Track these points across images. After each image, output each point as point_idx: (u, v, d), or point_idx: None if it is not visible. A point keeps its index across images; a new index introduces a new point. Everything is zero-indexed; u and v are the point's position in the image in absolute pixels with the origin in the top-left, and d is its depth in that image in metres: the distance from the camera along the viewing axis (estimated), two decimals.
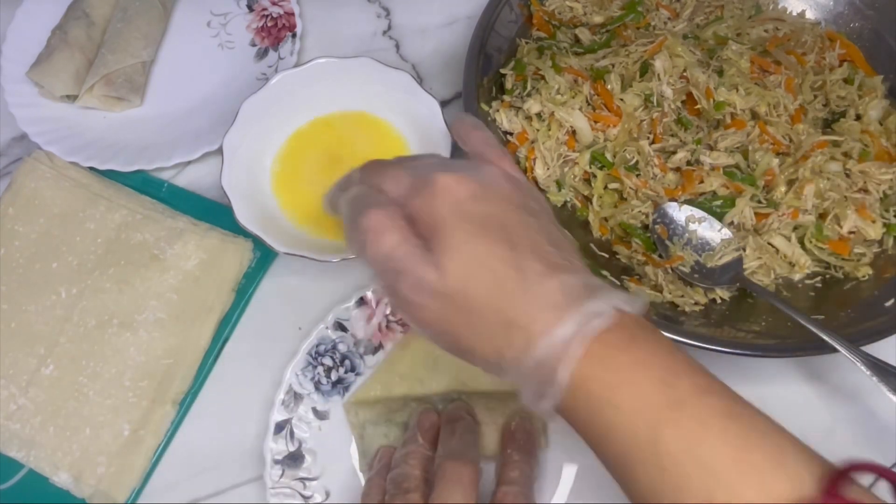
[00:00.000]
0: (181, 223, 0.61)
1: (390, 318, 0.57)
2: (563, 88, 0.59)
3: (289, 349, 0.56)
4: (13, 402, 0.56)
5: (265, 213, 0.59)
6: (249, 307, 0.60)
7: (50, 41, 0.67)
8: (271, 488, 0.52)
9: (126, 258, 0.60)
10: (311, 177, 0.62)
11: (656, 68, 0.59)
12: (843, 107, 0.61)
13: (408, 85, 0.61)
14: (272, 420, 0.53)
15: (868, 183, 0.57)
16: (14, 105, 0.66)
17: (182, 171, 0.66)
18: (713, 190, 0.57)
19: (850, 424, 0.55)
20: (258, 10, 0.72)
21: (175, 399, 0.56)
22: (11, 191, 0.62)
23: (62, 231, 0.61)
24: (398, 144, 0.63)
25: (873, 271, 0.55)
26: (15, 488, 0.54)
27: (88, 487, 0.53)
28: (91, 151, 0.64)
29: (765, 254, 0.55)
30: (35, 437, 0.55)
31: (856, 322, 0.52)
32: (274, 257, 0.61)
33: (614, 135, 0.59)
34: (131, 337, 0.57)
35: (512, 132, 0.61)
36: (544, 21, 0.65)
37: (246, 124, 0.60)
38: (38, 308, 0.58)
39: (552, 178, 0.60)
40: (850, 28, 0.66)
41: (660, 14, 0.65)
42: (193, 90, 0.69)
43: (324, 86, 0.62)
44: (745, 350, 0.50)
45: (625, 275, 0.56)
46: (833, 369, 0.56)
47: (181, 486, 0.54)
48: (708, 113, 0.58)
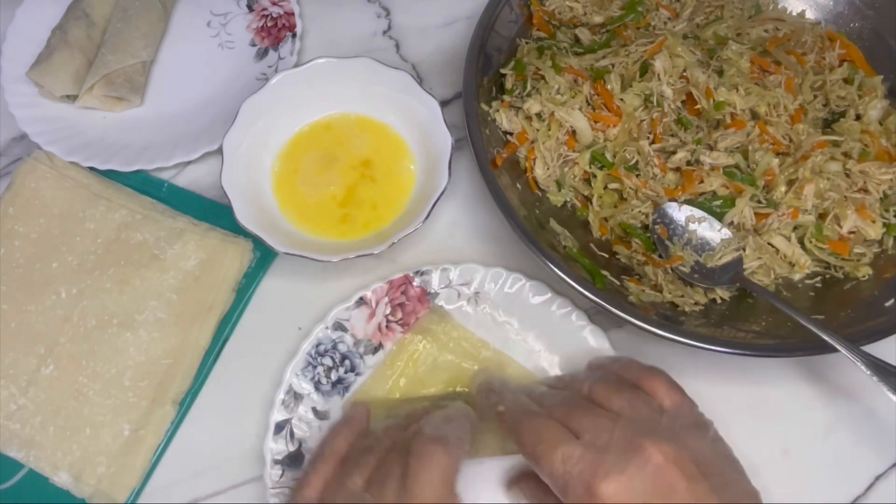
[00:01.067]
0: (181, 223, 0.61)
1: (390, 318, 0.57)
2: (563, 88, 0.59)
3: (289, 349, 0.56)
4: (13, 402, 0.56)
5: (265, 213, 0.59)
6: (249, 307, 0.60)
7: (50, 41, 0.67)
8: (271, 488, 0.52)
9: (126, 258, 0.60)
10: (311, 177, 0.62)
11: (656, 68, 0.59)
12: (843, 107, 0.61)
13: (408, 85, 0.61)
14: (272, 420, 0.53)
15: (868, 183, 0.57)
16: (14, 105, 0.66)
17: (182, 171, 0.66)
18: (713, 190, 0.57)
19: (850, 424, 0.55)
20: (258, 10, 0.72)
21: (175, 399, 0.56)
22: (11, 191, 0.62)
23: (62, 231, 0.61)
24: (398, 145, 0.63)
25: (873, 271, 0.55)
26: (15, 488, 0.54)
27: (88, 487, 0.53)
28: (91, 151, 0.64)
29: (765, 254, 0.55)
30: (35, 437, 0.55)
31: (856, 322, 0.52)
32: (274, 257, 0.61)
33: (614, 135, 0.59)
34: (131, 337, 0.57)
35: (512, 132, 0.61)
36: (544, 21, 0.65)
37: (246, 124, 0.60)
38: (38, 308, 0.58)
39: (552, 178, 0.60)
40: (850, 28, 0.66)
41: (660, 14, 0.65)
42: (193, 90, 0.69)
43: (324, 86, 0.62)
44: (745, 350, 0.50)
45: (625, 275, 0.56)
46: (833, 369, 0.56)
47: (181, 486, 0.54)
48: (708, 113, 0.58)
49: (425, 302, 0.57)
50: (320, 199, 0.61)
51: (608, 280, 0.54)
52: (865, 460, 0.54)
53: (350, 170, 0.62)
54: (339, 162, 0.62)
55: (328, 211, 0.61)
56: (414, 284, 0.58)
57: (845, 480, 0.53)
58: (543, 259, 0.51)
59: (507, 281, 0.57)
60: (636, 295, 0.54)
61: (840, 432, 0.54)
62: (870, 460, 0.54)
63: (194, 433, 0.56)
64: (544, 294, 0.57)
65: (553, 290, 0.57)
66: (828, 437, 0.54)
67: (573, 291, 0.51)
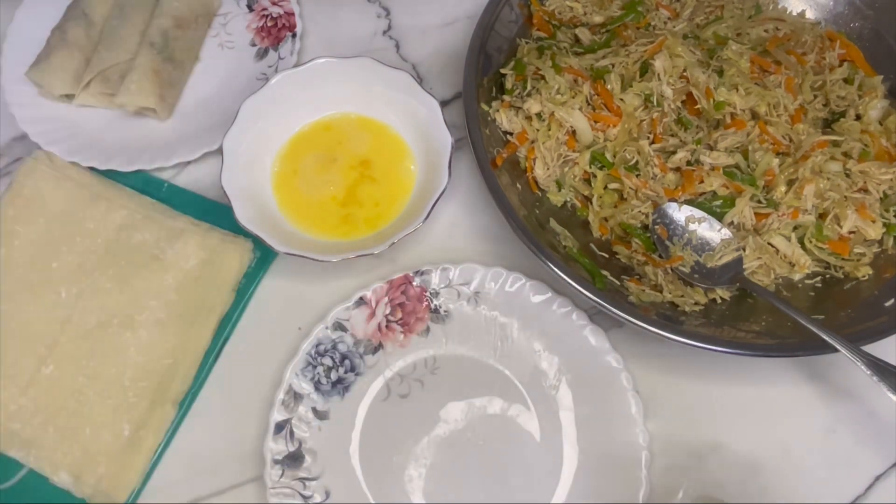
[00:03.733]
0: (181, 223, 0.61)
1: (390, 318, 0.57)
2: (563, 88, 0.59)
3: (289, 349, 0.56)
4: (13, 402, 0.56)
5: (265, 213, 0.59)
6: (249, 307, 0.60)
7: (49, 41, 0.67)
8: (271, 488, 0.52)
9: (126, 258, 0.60)
10: (311, 177, 0.62)
11: (656, 68, 0.59)
12: (843, 107, 0.61)
13: (408, 85, 0.61)
14: (272, 420, 0.53)
15: (868, 183, 0.57)
16: (14, 105, 0.66)
17: (182, 171, 0.66)
18: (713, 190, 0.57)
19: (850, 424, 0.55)
20: (258, 9, 0.72)
21: (175, 399, 0.56)
22: (12, 191, 0.62)
23: (62, 231, 0.61)
24: (398, 145, 0.63)
25: (873, 271, 0.55)
26: (15, 488, 0.54)
27: (88, 487, 0.53)
28: (91, 151, 0.64)
29: (765, 254, 0.55)
30: (35, 437, 0.55)
31: (856, 322, 0.52)
32: (274, 257, 0.61)
33: (614, 135, 0.59)
34: (131, 337, 0.57)
35: (512, 132, 0.61)
36: (544, 21, 0.65)
37: (246, 124, 0.60)
38: (38, 308, 0.58)
39: (552, 178, 0.60)
40: (850, 28, 0.66)
41: (660, 14, 0.65)
42: (193, 90, 0.69)
43: (324, 86, 0.62)
44: (745, 350, 0.50)
45: (625, 275, 0.56)
46: (833, 369, 0.56)
47: (181, 486, 0.54)
48: (708, 113, 0.58)
49: (425, 301, 0.57)
50: (320, 199, 0.61)
51: (608, 280, 0.54)
52: (865, 460, 0.54)
53: (350, 170, 0.62)
54: (338, 162, 0.62)
55: (329, 211, 0.61)
56: (414, 284, 0.58)
57: (845, 480, 0.53)
58: (543, 259, 0.51)
59: (507, 280, 0.57)
60: (636, 295, 0.54)
61: (840, 432, 0.54)
62: (870, 460, 0.54)
63: (194, 433, 0.56)
64: (544, 294, 0.57)
65: (553, 289, 0.57)
66: (828, 437, 0.54)
67: (573, 291, 0.51)
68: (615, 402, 0.53)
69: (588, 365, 0.55)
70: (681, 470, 0.53)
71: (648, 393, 0.54)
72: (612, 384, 0.54)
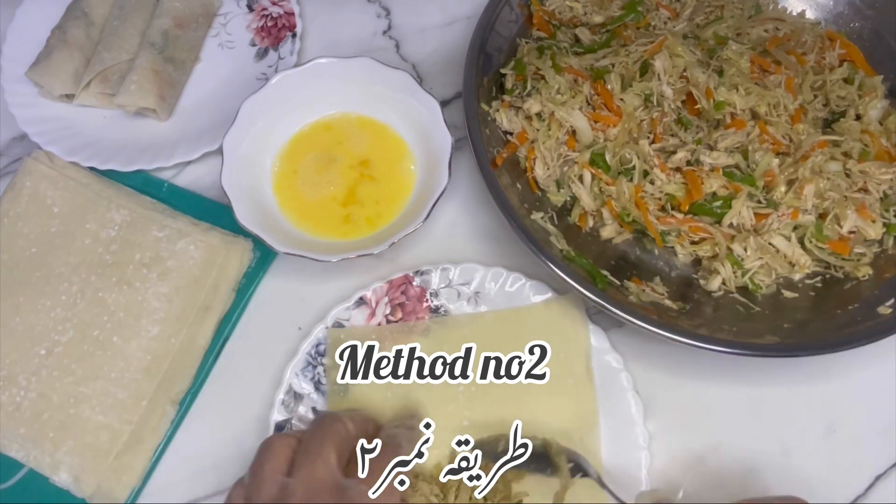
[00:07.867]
0: (181, 223, 0.61)
1: (390, 318, 0.57)
2: (563, 88, 0.59)
3: (289, 349, 0.56)
4: (13, 402, 0.56)
5: (265, 213, 0.59)
6: (249, 307, 0.60)
7: (49, 41, 0.67)
8: None
9: (126, 258, 0.60)
10: (311, 177, 0.62)
11: (656, 68, 0.59)
12: (843, 107, 0.61)
13: (408, 85, 0.61)
14: (272, 420, 0.53)
15: (868, 183, 0.57)
16: (14, 105, 0.66)
17: (182, 171, 0.66)
18: (713, 191, 0.57)
19: (850, 424, 0.55)
20: (258, 9, 0.72)
21: (175, 399, 0.56)
22: (12, 191, 0.62)
23: (62, 231, 0.61)
24: (398, 145, 0.63)
25: (873, 271, 0.55)
26: (15, 488, 0.54)
27: (88, 487, 0.53)
28: (91, 151, 0.64)
29: (765, 254, 0.55)
30: (35, 437, 0.55)
31: (855, 322, 0.52)
32: (274, 257, 0.61)
33: (614, 135, 0.59)
34: (131, 337, 0.57)
35: (512, 132, 0.61)
36: (544, 21, 0.65)
37: (246, 124, 0.60)
38: (38, 308, 0.58)
39: (552, 178, 0.60)
40: (850, 28, 0.66)
41: (660, 14, 0.65)
42: (193, 90, 0.69)
43: (324, 86, 0.62)
44: (745, 350, 0.49)
45: (624, 275, 0.56)
46: (833, 369, 0.56)
47: (181, 486, 0.54)
48: (708, 113, 0.58)
49: (425, 301, 0.57)
50: (320, 198, 0.61)
51: (608, 280, 0.54)
52: (865, 460, 0.54)
53: (350, 170, 0.62)
54: (338, 162, 0.63)
55: (329, 211, 0.61)
56: (414, 284, 0.58)
57: (845, 480, 0.53)
58: (543, 259, 0.51)
59: (508, 280, 0.57)
60: (636, 295, 0.54)
61: (840, 432, 0.54)
62: (870, 460, 0.54)
63: (194, 433, 0.56)
64: (544, 294, 0.57)
65: (553, 289, 0.57)
66: (828, 437, 0.54)
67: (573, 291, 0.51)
68: (615, 402, 0.53)
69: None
70: (681, 470, 0.53)
71: (648, 393, 0.54)
72: (611, 384, 0.54)
